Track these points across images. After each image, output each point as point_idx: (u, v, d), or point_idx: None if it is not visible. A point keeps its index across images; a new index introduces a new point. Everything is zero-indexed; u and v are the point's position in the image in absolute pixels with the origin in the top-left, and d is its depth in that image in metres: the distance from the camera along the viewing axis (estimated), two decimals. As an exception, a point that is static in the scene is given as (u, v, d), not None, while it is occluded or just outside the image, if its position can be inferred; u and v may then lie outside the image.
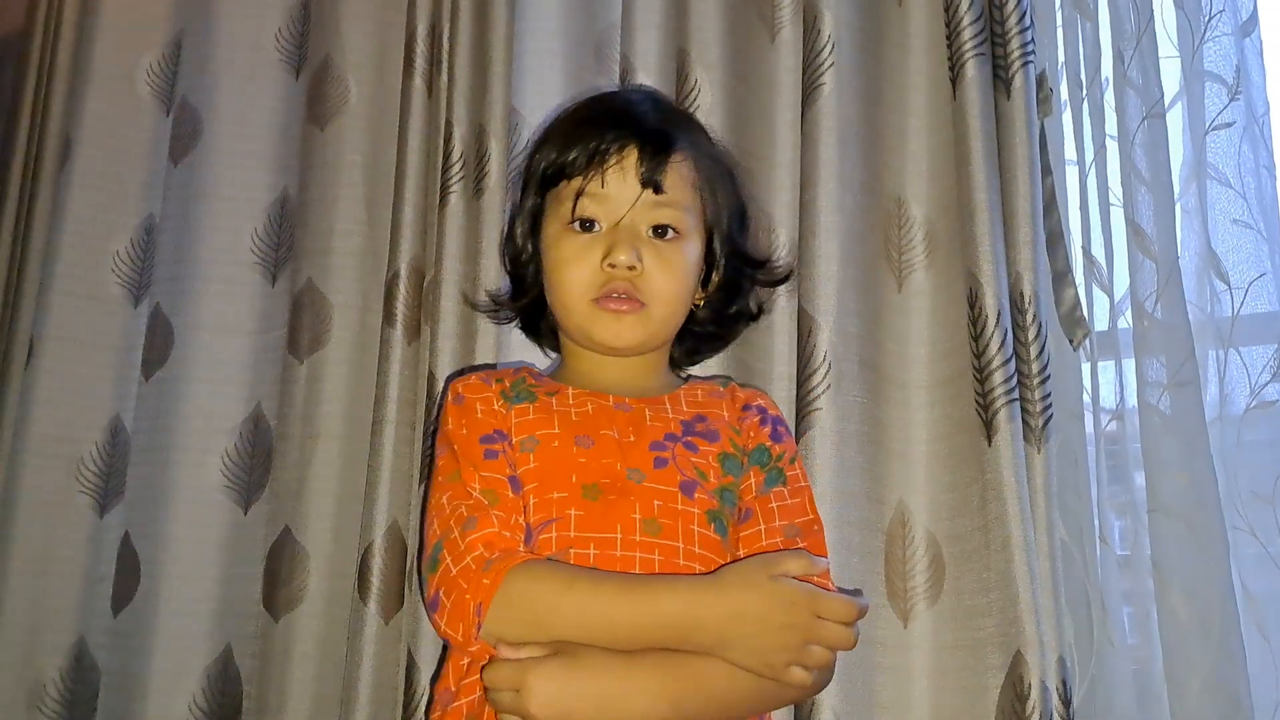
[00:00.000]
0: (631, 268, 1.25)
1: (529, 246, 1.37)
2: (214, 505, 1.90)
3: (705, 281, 1.36)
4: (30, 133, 2.18)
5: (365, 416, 1.76)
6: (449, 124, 1.77)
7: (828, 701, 1.40)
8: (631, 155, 1.27)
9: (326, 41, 1.98)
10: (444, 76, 1.82)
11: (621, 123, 1.29)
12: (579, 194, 1.27)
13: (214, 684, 1.82)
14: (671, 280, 1.27)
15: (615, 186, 1.27)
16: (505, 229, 1.46)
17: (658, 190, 1.26)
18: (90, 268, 2.01)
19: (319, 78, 1.97)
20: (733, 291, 1.39)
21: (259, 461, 1.90)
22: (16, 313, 2.06)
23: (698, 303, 1.37)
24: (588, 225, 1.28)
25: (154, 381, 1.96)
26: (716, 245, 1.34)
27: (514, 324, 1.48)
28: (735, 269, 1.38)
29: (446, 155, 1.75)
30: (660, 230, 1.28)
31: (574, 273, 1.27)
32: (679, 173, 1.29)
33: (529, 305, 1.41)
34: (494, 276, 1.65)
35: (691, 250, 1.30)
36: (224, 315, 1.97)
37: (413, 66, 1.84)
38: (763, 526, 1.22)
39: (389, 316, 1.76)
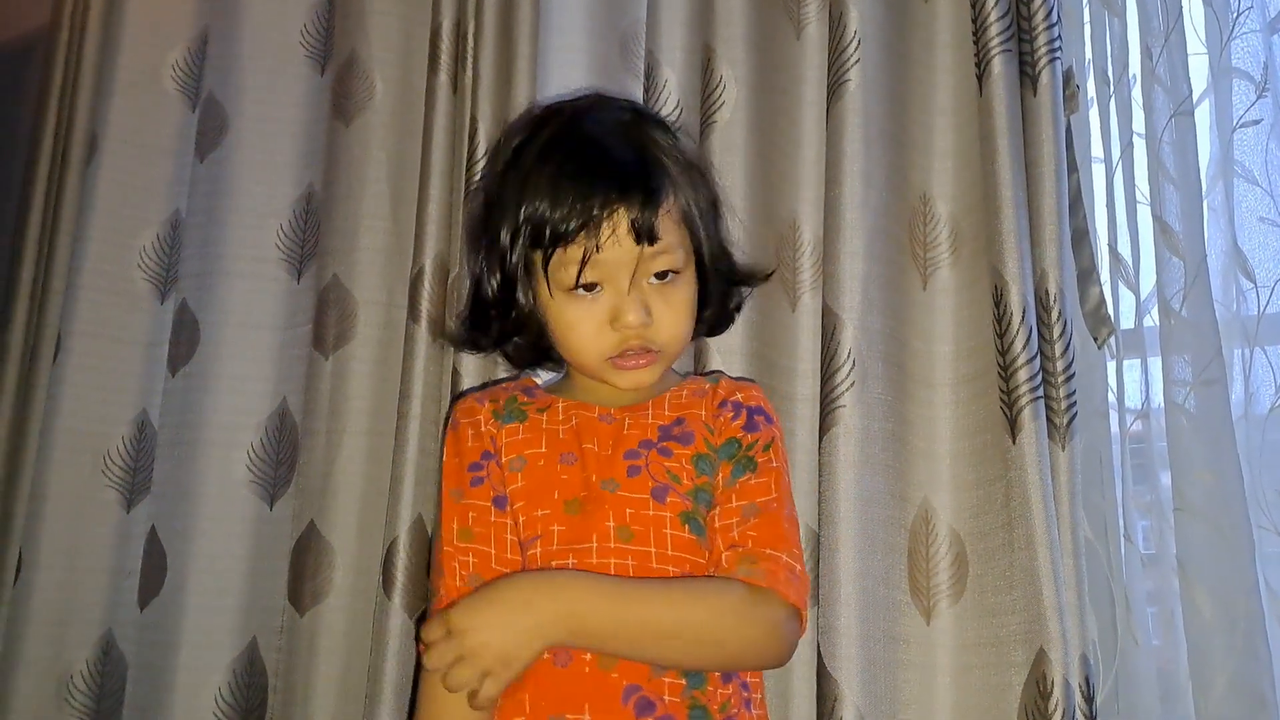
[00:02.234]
0: (646, 323, 1.26)
1: (528, 297, 1.33)
2: (240, 500, 1.91)
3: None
4: (57, 129, 2.20)
5: (390, 412, 1.77)
6: (474, 120, 1.77)
7: (850, 698, 1.40)
8: (623, 219, 1.24)
9: (351, 38, 1.98)
10: (469, 73, 1.82)
11: (607, 179, 1.25)
12: (580, 263, 1.24)
13: (240, 677, 1.84)
14: (680, 321, 1.30)
15: (612, 251, 1.24)
16: (482, 268, 1.37)
17: (653, 242, 1.25)
18: (117, 263, 2.03)
19: (344, 74, 1.97)
20: (720, 297, 1.39)
21: (284, 457, 1.91)
22: (44, 308, 2.07)
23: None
24: (591, 287, 1.27)
25: (180, 376, 1.98)
26: (706, 261, 1.33)
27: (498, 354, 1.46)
28: (723, 279, 1.37)
29: (471, 151, 1.75)
30: (661, 273, 1.27)
31: (585, 336, 1.28)
32: (668, 216, 1.27)
33: (525, 345, 1.39)
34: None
35: (690, 279, 1.31)
36: (250, 311, 1.98)
37: (438, 63, 1.84)
38: (718, 508, 1.26)
39: (414, 312, 1.76)
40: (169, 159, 2.09)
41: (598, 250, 1.23)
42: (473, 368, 1.67)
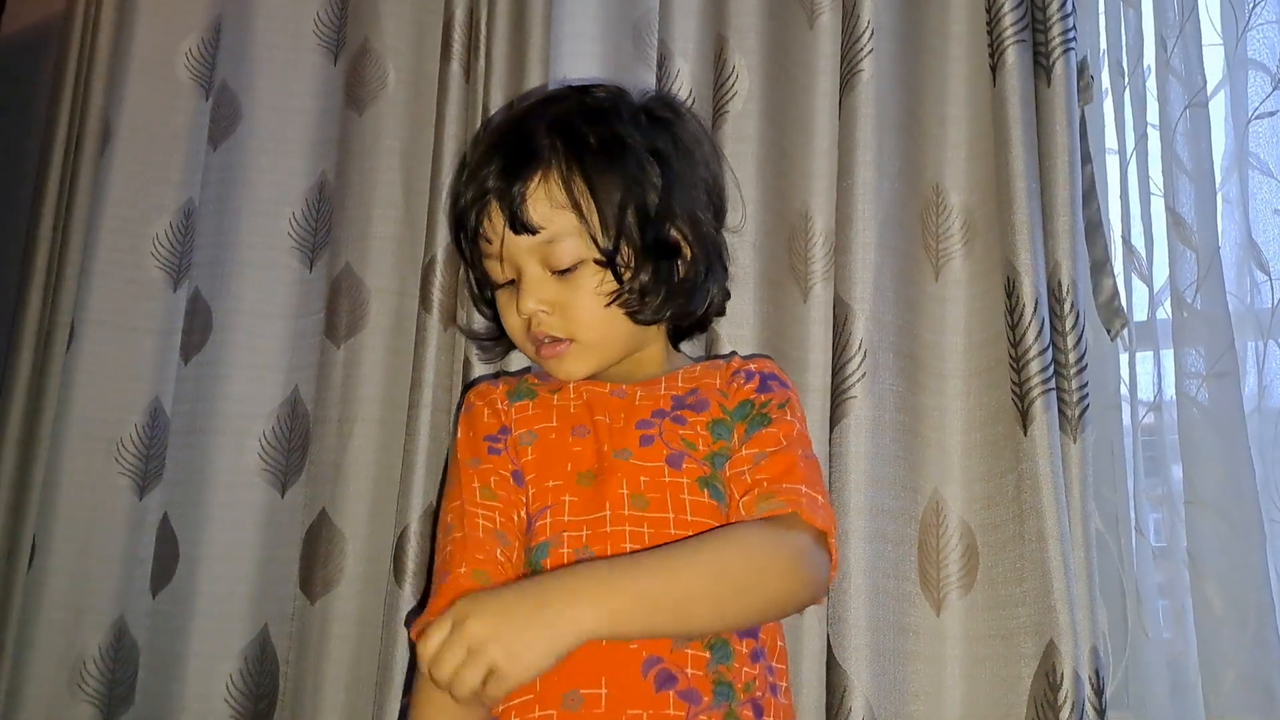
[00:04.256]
0: (546, 311, 1.27)
1: (488, 293, 1.40)
2: (252, 488, 1.92)
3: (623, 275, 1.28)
4: (71, 117, 2.20)
5: (401, 401, 1.77)
6: (486, 109, 1.77)
7: (860, 688, 1.40)
8: (494, 206, 1.27)
9: (364, 26, 1.98)
10: (481, 62, 1.82)
11: (484, 168, 1.29)
12: (481, 256, 1.31)
13: (251, 664, 1.84)
14: (586, 306, 1.28)
15: (495, 242, 1.28)
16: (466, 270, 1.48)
17: (531, 231, 1.25)
18: (130, 251, 2.03)
19: (357, 63, 1.97)
20: (653, 275, 1.30)
21: (296, 445, 1.92)
22: (58, 296, 2.08)
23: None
24: (511, 283, 1.31)
25: (193, 365, 1.98)
26: (600, 243, 1.26)
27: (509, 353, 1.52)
28: (645, 255, 1.29)
29: (484, 141, 1.76)
30: (561, 271, 1.27)
31: (508, 325, 1.33)
32: (547, 200, 1.25)
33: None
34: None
35: (596, 266, 1.27)
36: (262, 299, 1.98)
37: (450, 52, 1.84)
38: (731, 460, 1.25)
39: (425, 301, 1.76)
40: (182, 147, 2.09)
41: (489, 242, 1.29)
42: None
